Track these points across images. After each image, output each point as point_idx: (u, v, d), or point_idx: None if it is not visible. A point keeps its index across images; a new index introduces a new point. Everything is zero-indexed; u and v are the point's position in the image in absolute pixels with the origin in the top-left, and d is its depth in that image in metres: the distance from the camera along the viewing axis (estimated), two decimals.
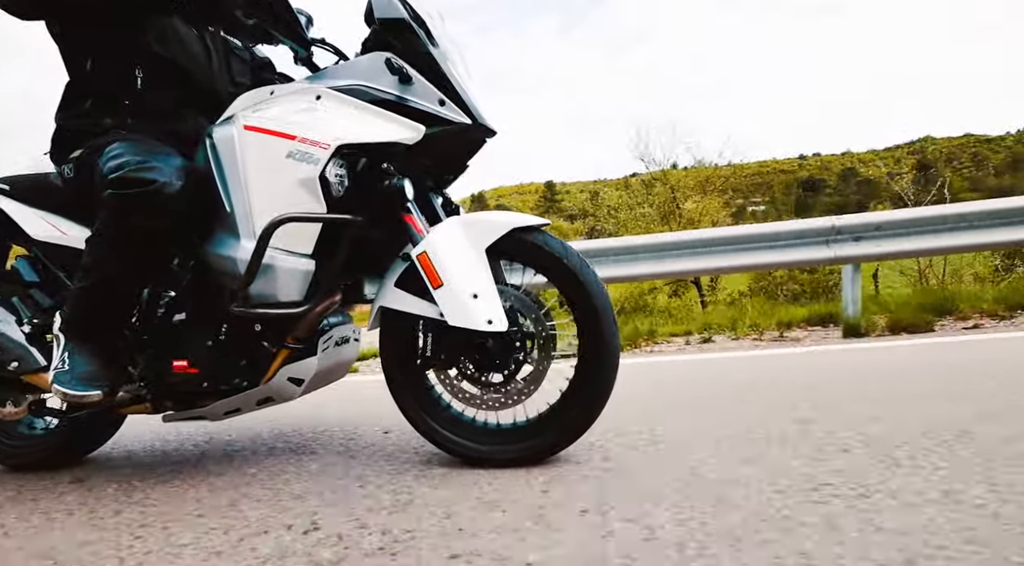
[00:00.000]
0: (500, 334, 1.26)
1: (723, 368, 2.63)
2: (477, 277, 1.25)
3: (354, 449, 1.56)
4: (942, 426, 1.36)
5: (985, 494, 0.95)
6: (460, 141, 1.39)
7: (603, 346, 1.27)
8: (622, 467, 1.25)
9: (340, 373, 1.60)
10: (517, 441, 1.33)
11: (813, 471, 1.12)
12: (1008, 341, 2.84)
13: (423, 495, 1.15)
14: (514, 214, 1.36)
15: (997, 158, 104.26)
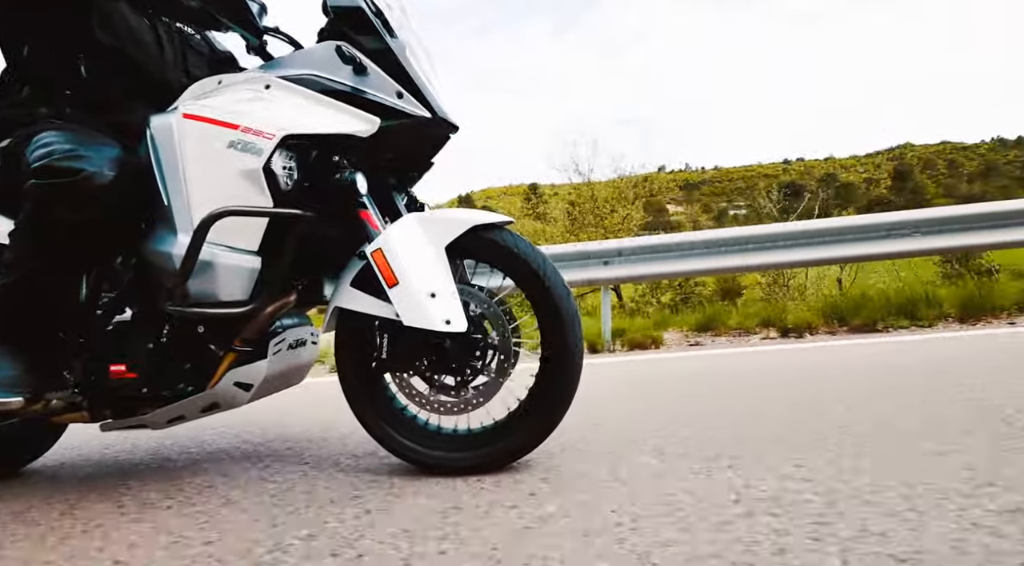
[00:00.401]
0: (459, 335, 1.21)
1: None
2: (435, 276, 1.21)
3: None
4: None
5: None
6: (421, 136, 1.34)
7: (565, 349, 1.24)
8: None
9: (296, 377, 1.54)
10: (476, 447, 1.28)
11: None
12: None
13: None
14: (476, 212, 1.32)
15: (971, 165, 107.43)
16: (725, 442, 1.36)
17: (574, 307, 1.27)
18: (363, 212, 1.26)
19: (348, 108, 1.22)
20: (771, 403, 1.77)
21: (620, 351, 3.94)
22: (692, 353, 3.51)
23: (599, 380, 2.48)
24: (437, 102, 1.30)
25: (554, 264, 1.29)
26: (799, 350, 3.18)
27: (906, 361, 2.47)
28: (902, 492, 0.96)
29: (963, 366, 2.22)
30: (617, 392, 2.22)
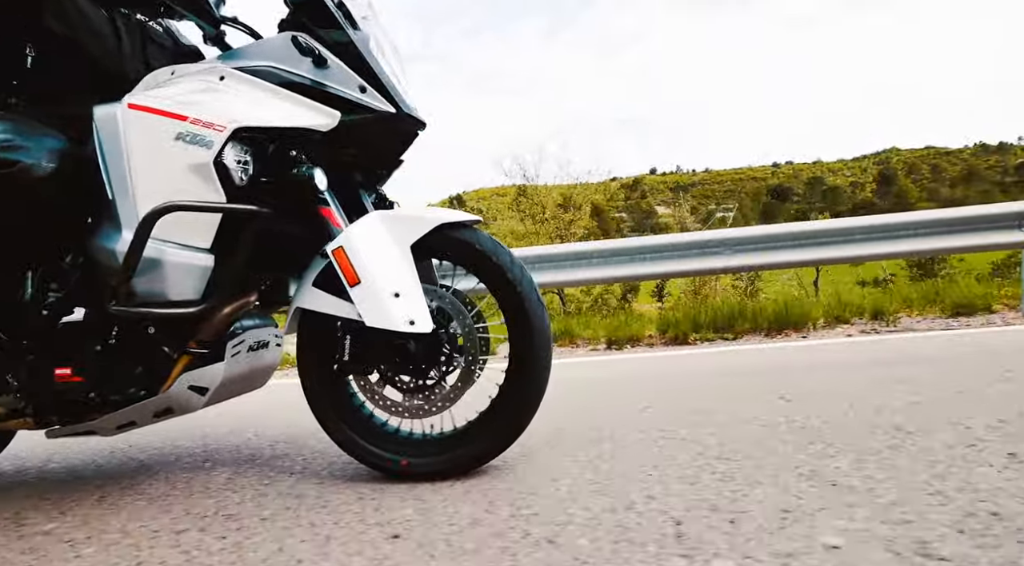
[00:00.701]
0: (424, 336, 1.18)
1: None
2: (400, 275, 1.17)
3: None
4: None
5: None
6: (386, 131, 1.31)
7: (532, 351, 1.21)
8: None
9: (259, 380, 1.49)
10: (441, 452, 1.25)
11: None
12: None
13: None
14: (444, 210, 1.30)
15: (954, 170, 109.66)
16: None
17: (542, 308, 1.24)
18: (324, 209, 1.22)
19: (307, 101, 1.18)
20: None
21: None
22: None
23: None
24: (402, 97, 1.27)
25: (522, 264, 1.27)
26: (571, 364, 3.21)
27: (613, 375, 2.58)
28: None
29: (651, 383, 2.31)
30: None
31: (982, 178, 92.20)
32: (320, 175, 1.19)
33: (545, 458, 1.33)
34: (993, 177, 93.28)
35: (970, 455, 1.12)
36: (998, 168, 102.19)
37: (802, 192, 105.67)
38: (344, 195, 1.33)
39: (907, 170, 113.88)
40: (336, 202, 1.25)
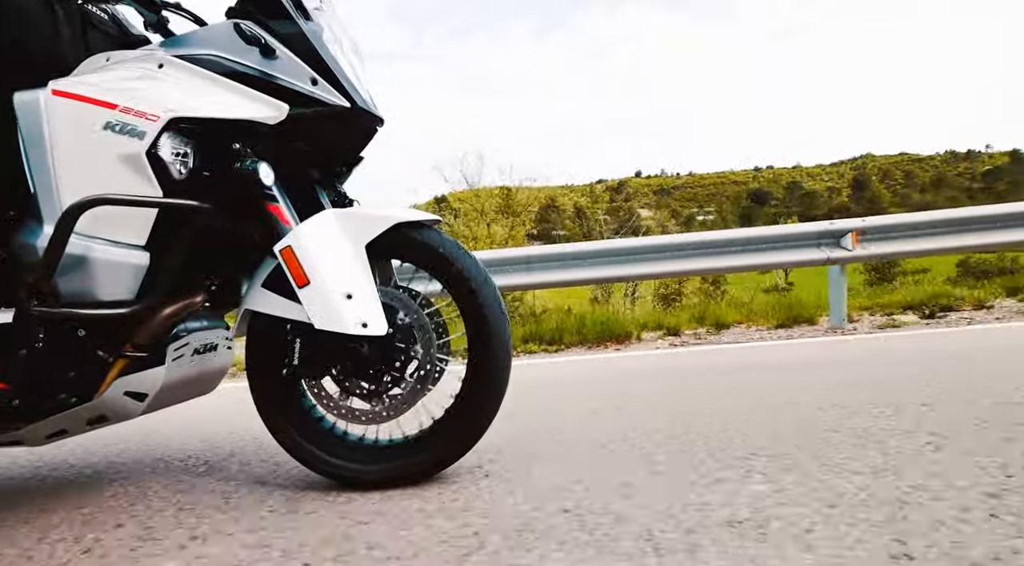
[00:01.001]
0: (378, 339, 1.14)
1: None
2: (353, 276, 1.13)
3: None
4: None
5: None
6: (341, 126, 1.26)
7: (490, 354, 1.18)
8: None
9: (207, 385, 1.43)
10: (396, 458, 1.21)
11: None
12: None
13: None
14: (404, 209, 1.25)
15: (926, 176, 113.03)
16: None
17: (502, 313, 1.21)
18: (272, 206, 1.17)
19: (252, 92, 1.12)
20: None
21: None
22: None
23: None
24: (358, 92, 1.22)
25: (484, 267, 1.23)
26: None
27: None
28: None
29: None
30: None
31: (950, 185, 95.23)
32: (266, 170, 1.14)
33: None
34: (961, 184, 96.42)
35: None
36: (967, 175, 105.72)
37: (781, 196, 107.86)
38: (299, 192, 1.29)
39: (881, 176, 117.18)
40: (286, 199, 1.19)
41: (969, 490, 0.94)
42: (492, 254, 4.27)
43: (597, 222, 17.91)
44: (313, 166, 1.33)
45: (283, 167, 1.22)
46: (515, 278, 4.10)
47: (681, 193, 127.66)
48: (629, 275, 4.35)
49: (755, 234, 4.25)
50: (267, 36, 1.15)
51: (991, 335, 3.14)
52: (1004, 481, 0.96)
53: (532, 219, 19.96)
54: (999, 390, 1.67)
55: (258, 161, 1.13)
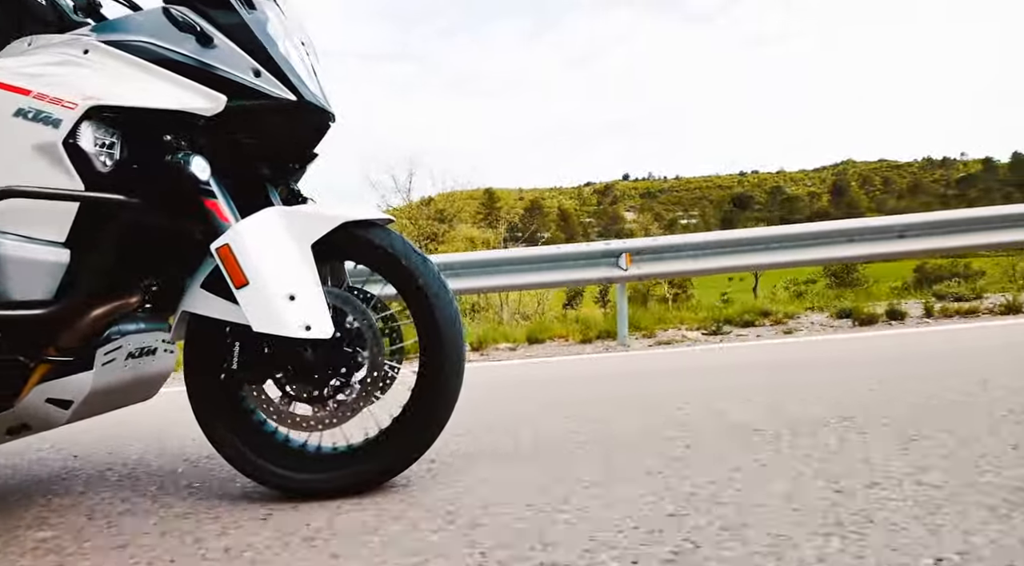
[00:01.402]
0: (324, 342, 1.10)
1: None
2: (297, 276, 1.08)
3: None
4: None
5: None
6: (289, 121, 1.21)
7: (441, 359, 1.14)
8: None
9: (145, 391, 1.36)
10: (343, 467, 1.17)
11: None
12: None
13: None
14: (352, 207, 1.20)
15: (903, 182, 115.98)
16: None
17: (453, 314, 1.17)
18: (209, 201, 1.12)
19: (186, 82, 1.07)
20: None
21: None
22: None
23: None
24: (305, 85, 1.17)
25: (436, 268, 1.19)
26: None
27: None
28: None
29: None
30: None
31: (926, 191, 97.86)
32: (200, 163, 1.08)
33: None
34: (937, 190, 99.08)
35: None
36: (942, 182, 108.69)
37: (764, 201, 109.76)
38: (247, 188, 1.24)
39: (861, 181, 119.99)
40: (226, 194, 1.14)
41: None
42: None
43: (580, 225, 17.92)
44: (262, 161, 1.28)
45: (225, 161, 1.17)
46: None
47: (667, 197, 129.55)
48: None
49: (543, 253, 4.47)
50: (204, 24, 1.10)
51: (732, 353, 3.16)
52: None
53: (505, 225, 20.10)
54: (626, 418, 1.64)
55: (191, 154, 1.08)
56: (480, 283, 4.27)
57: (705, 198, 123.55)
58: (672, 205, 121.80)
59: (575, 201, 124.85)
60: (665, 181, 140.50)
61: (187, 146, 1.09)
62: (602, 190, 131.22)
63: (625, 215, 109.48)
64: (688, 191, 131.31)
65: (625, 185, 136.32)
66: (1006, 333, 3.18)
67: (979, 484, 0.96)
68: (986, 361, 2.26)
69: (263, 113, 1.15)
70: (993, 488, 0.93)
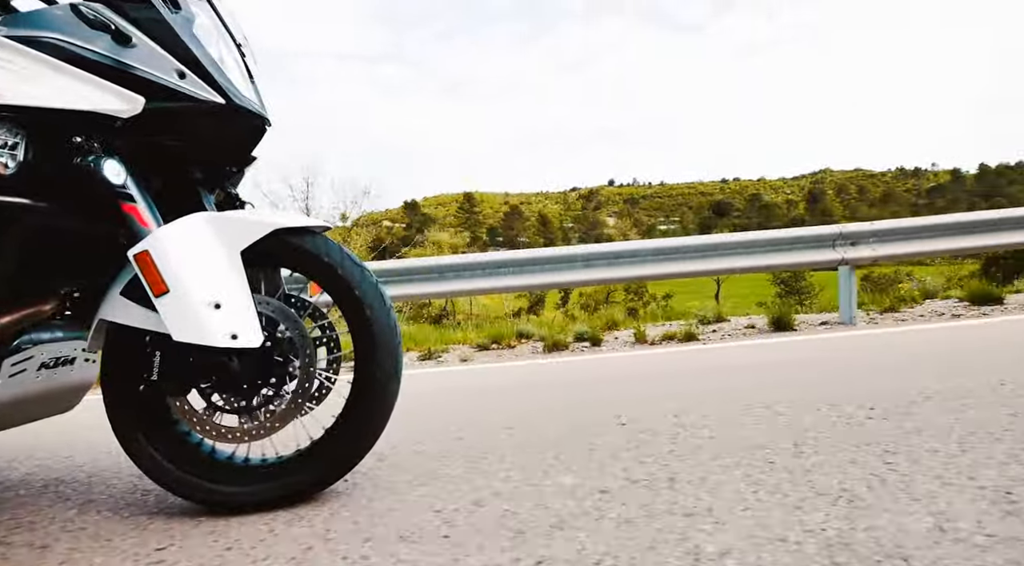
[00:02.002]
0: (251, 352, 1.08)
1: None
2: (223, 283, 1.05)
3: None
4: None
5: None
6: (219, 124, 1.18)
7: (374, 368, 1.14)
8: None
9: (63, 402, 1.31)
10: (272, 479, 1.15)
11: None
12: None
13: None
14: (288, 214, 1.19)
15: (877, 191, 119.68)
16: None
17: (390, 322, 1.16)
18: (127, 206, 1.07)
19: (100, 82, 1.03)
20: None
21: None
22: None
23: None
24: (236, 89, 1.15)
25: (373, 276, 1.18)
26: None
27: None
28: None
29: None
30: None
31: (897, 200, 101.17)
32: (114, 166, 1.05)
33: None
34: (909, 199, 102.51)
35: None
36: (913, 191, 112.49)
37: (743, 208, 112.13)
38: (177, 192, 1.21)
39: (837, 190, 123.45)
40: (147, 199, 1.10)
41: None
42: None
43: (561, 230, 18.07)
44: (193, 164, 1.24)
45: (148, 164, 1.14)
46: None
47: (649, 203, 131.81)
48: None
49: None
50: (121, 22, 1.07)
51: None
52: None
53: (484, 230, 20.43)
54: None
55: (104, 157, 1.04)
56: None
57: (686, 204, 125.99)
58: (654, 211, 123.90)
59: (560, 206, 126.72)
60: (650, 187, 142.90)
61: (100, 149, 1.05)
62: (586, 195, 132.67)
63: (607, 220, 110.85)
64: (670, 197, 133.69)
65: (610, 191, 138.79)
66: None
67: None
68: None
69: (189, 116, 1.12)
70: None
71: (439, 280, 4.07)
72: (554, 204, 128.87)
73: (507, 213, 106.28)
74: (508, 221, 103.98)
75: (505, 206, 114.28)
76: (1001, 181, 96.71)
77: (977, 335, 3.00)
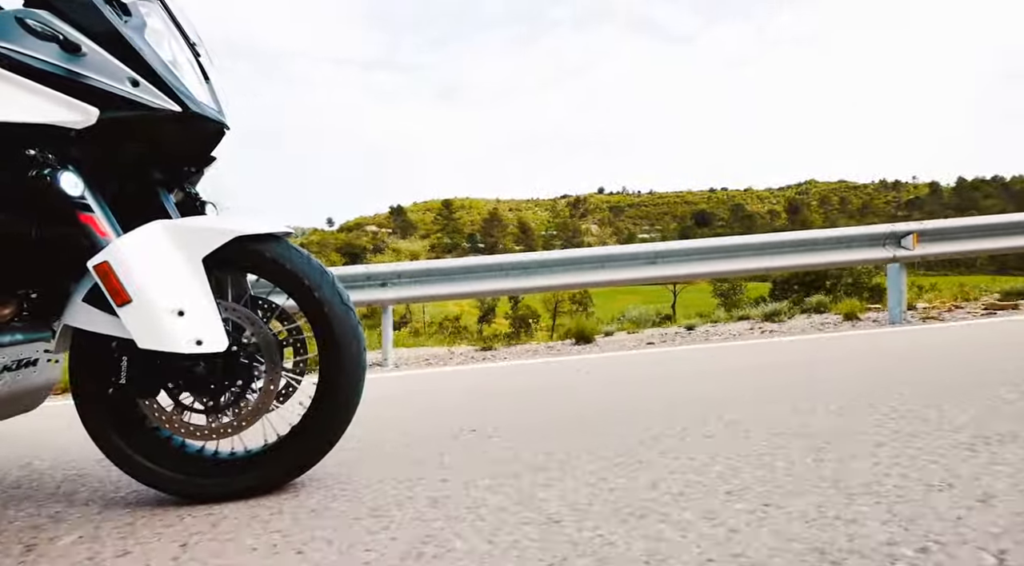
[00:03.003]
0: (216, 356, 1.14)
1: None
2: (186, 291, 1.11)
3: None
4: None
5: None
6: (176, 131, 1.21)
7: (338, 370, 1.20)
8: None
9: (25, 403, 1.36)
10: (241, 472, 1.22)
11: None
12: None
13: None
14: (249, 218, 1.23)
15: (858, 202, 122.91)
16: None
17: (352, 326, 1.22)
18: (84, 216, 1.11)
19: (50, 93, 1.05)
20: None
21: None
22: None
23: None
24: (191, 95, 1.18)
25: (335, 280, 1.25)
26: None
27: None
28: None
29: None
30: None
31: (875, 212, 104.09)
32: (71, 178, 1.08)
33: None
34: (888, 211, 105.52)
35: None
36: (893, 203, 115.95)
37: (726, 217, 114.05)
38: (136, 194, 1.25)
39: (820, 200, 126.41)
40: (105, 208, 1.14)
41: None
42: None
43: (543, 236, 18.09)
44: (151, 167, 1.28)
45: (105, 171, 1.18)
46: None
47: (636, 211, 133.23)
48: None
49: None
50: (69, 30, 1.08)
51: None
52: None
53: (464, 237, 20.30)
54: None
55: (59, 169, 1.07)
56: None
57: (670, 213, 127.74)
58: (639, 219, 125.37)
59: (549, 213, 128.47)
60: (639, 196, 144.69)
61: (55, 160, 1.07)
62: (574, 203, 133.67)
63: (591, 228, 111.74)
64: (655, 206, 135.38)
65: (599, 198, 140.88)
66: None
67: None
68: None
69: (145, 124, 1.14)
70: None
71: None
72: (543, 211, 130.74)
73: (486, 220, 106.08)
74: (487, 228, 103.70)
75: (480, 213, 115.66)
76: (977, 195, 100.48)
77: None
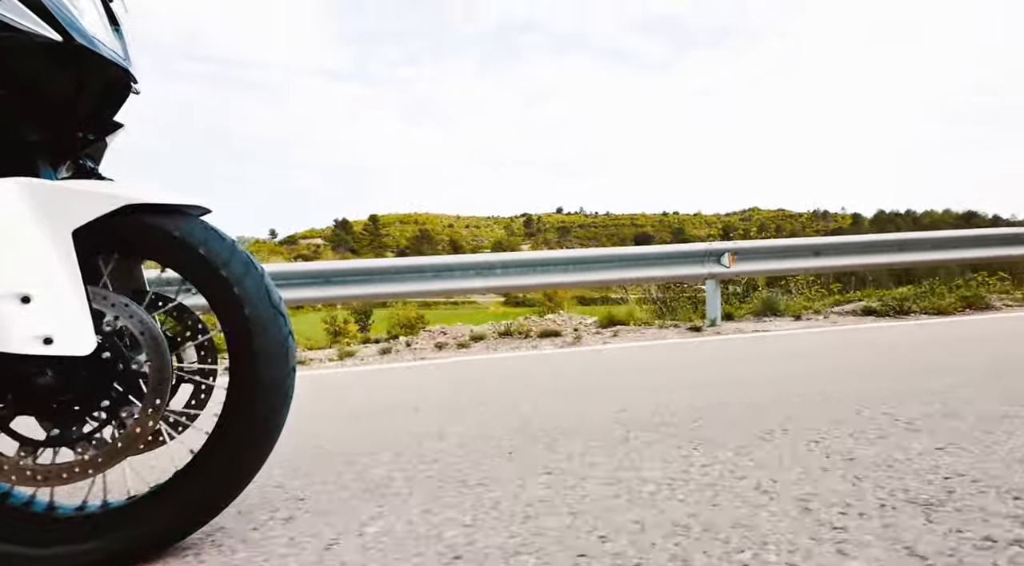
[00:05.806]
0: (72, 361, 0.92)
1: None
2: (38, 271, 0.89)
3: None
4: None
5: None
6: (56, 70, 0.99)
7: (253, 393, 1.01)
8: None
9: None
10: (92, 536, 0.97)
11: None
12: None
13: None
14: (152, 187, 1.01)
15: (789, 230, 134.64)
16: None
17: (279, 333, 1.03)
18: None
19: None
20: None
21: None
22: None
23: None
24: (80, 26, 0.97)
25: (265, 275, 1.05)
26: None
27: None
28: None
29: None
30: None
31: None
32: None
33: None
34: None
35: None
36: (821, 232, 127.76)
37: (667, 239, 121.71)
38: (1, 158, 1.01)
39: (759, 227, 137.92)
40: None
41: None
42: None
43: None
44: (25, 124, 1.03)
45: None
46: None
47: (582, 232, 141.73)
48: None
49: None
50: None
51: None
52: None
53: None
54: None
55: None
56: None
57: (617, 235, 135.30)
58: (588, 239, 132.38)
59: (505, 231, 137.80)
60: (595, 216, 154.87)
61: None
62: (526, 221, 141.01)
63: (522, 247, 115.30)
64: (605, 227, 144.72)
65: (555, 218, 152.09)
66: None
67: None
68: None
69: (11, 54, 0.93)
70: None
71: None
72: (501, 228, 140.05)
73: (416, 236, 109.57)
74: (416, 244, 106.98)
75: (450, 229, 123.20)
76: (891, 227, 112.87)
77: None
